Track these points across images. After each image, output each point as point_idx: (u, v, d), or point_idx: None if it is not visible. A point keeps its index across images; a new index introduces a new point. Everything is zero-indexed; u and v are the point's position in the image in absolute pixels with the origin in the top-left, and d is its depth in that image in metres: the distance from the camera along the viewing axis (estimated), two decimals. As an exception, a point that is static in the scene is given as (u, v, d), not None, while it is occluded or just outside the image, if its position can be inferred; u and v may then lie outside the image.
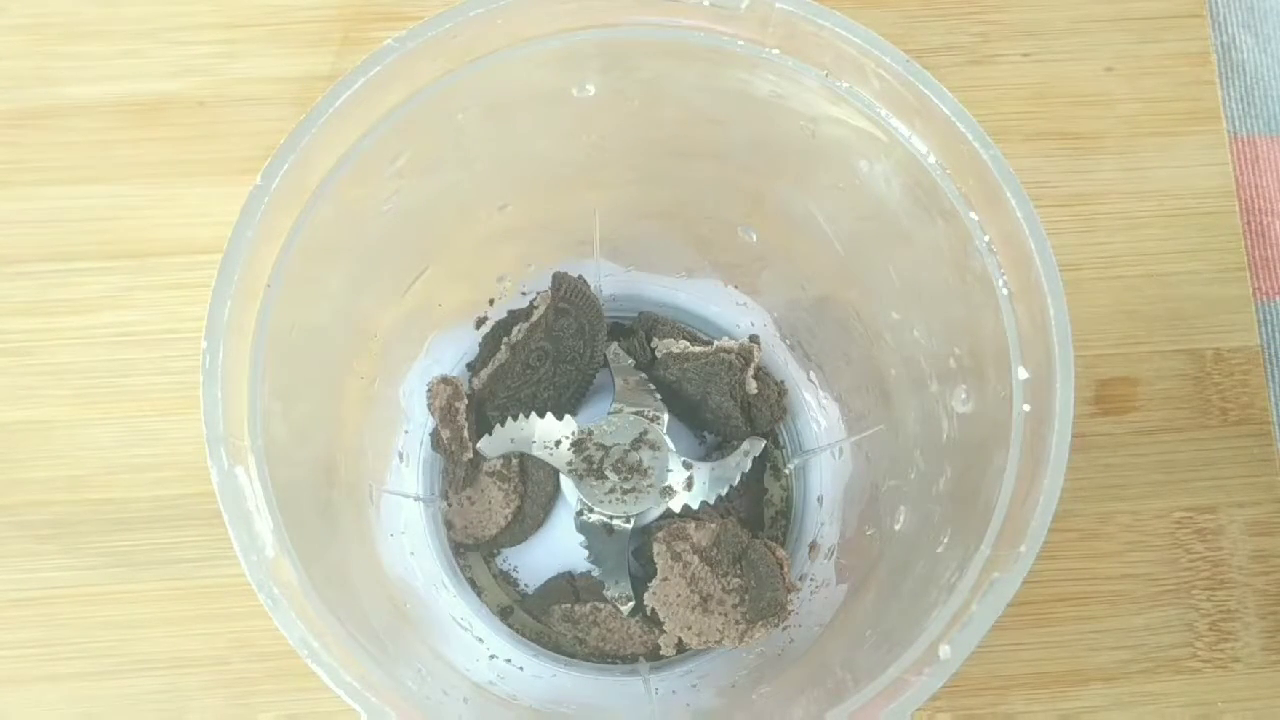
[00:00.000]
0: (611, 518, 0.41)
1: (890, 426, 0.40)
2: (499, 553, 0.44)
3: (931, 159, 0.33)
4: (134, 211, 0.45)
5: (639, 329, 0.45)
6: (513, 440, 0.42)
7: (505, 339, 0.42)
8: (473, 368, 0.44)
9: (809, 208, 0.38)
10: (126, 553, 0.43)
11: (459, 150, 0.36)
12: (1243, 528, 0.44)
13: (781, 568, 0.40)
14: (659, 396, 0.43)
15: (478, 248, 0.41)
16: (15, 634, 0.42)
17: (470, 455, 0.42)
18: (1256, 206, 0.46)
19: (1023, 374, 0.32)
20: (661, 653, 0.41)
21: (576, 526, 0.41)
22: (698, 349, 0.43)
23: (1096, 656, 0.43)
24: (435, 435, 0.42)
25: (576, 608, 0.41)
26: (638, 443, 0.41)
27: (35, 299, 0.45)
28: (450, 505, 0.43)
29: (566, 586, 0.42)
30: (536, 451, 0.41)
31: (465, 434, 0.42)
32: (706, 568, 0.40)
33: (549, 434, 0.41)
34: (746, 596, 0.40)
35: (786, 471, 0.45)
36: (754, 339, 0.44)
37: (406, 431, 0.42)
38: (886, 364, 0.39)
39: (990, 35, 0.47)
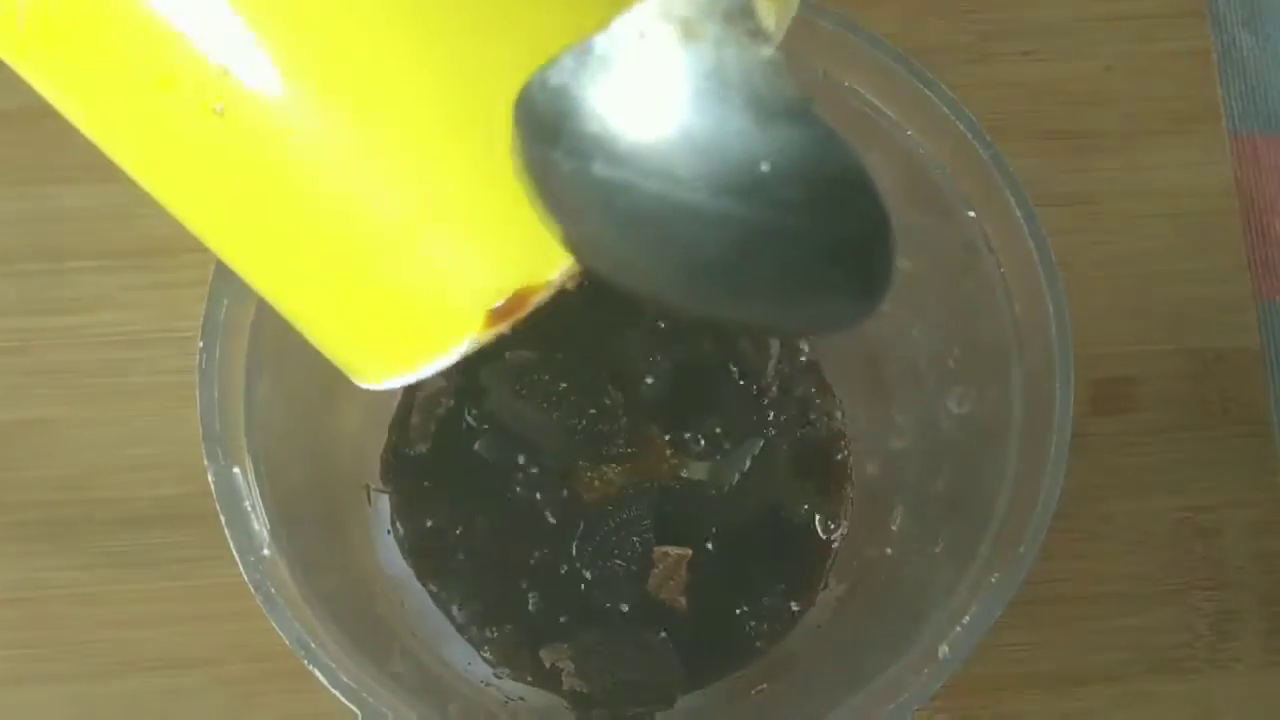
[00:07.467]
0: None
1: (888, 426, 0.40)
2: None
3: (931, 158, 0.32)
4: (129, 209, 0.45)
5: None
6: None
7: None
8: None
9: (807, 206, 0.38)
10: (121, 553, 0.42)
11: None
12: (1243, 528, 0.44)
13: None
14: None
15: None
16: (8, 634, 0.42)
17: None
18: (1257, 206, 0.46)
19: (1021, 374, 0.32)
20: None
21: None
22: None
23: (1095, 657, 0.43)
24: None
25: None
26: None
27: (28, 298, 0.44)
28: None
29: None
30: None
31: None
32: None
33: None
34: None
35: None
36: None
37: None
38: (884, 363, 0.39)
39: (990, 34, 0.47)
